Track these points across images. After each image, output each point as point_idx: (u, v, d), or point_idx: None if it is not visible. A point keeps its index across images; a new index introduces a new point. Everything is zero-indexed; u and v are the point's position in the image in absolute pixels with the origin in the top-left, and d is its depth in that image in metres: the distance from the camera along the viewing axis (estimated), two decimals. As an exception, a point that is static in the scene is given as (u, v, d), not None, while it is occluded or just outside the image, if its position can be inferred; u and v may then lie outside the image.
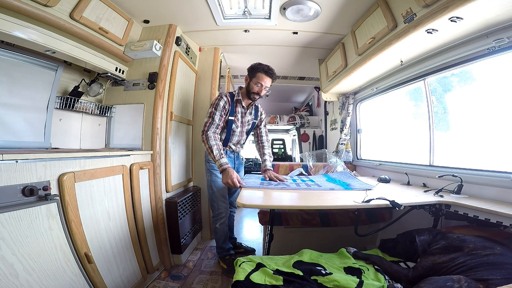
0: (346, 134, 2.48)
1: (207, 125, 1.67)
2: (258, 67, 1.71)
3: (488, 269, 0.78)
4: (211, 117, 1.68)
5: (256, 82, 1.71)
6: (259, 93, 1.74)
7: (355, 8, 1.69)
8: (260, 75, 1.70)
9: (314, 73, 3.07)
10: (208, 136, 1.62)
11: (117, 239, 1.37)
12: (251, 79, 1.73)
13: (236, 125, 1.78)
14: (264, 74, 1.70)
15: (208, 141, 1.61)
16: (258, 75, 1.70)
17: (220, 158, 1.57)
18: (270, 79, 1.73)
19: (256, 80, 1.70)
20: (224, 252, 1.85)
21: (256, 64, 1.73)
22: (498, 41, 1.15)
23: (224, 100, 1.72)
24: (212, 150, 1.59)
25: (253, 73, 1.72)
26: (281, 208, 1.57)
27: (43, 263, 0.95)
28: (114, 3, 1.63)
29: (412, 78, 1.75)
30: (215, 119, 1.68)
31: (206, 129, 1.65)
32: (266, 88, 1.73)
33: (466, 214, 1.10)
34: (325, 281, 0.89)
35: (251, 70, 1.74)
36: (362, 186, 1.43)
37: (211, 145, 1.60)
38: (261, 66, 1.71)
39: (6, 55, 1.29)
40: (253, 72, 1.73)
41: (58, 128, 1.62)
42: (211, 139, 1.62)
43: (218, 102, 1.70)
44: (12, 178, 0.87)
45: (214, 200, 1.79)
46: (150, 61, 1.89)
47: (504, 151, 1.25)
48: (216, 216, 1.80)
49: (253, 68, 1.73)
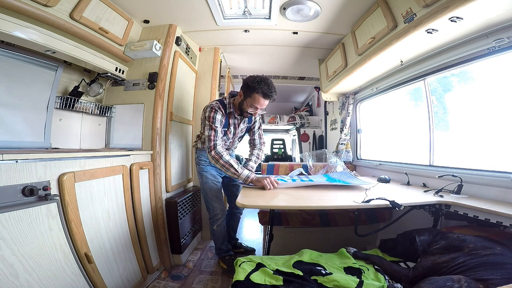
0: (346, 134, 2.48)
1: (212, 139, 1.54)
2: (256, 87, 1.45)
3: (488, 269, 0.78)
4: (214, 130, 1.55)
5: (251, 104, 1.51)
6: (253, 115, 1.62)
7: (355, 8, 1.69)
8: (257, 97, 1.47)
9: (314, 73, 3.07)
10: (220, 153, 1.52)
11: (117, 239, 1.37)
12: (245, 97, 1.52)
13: (227, 137, 1.74)
14: (262, 97, 1.47)
15: (222, 158, 1.51)
16: (254, 97, 1.48)
17: (242, 171, 1.48)
18: (268, 101, 1.51)
19: (251, 102, 1.50)
20: (223, 253, 1.84)
21: (255, 83, 1.46)
22: (498, 41, 1.15)
23: (220, 113, 1.59)
24: (231, 164, 1.50)
25: (249, 93, 1.49)
26: (281, 208, 1.57)
27: (43, 263, 0.95)
28: (114, 3, 1.63)
29: (412, 78, 1.75)
30: (218, 133, 1.56)
31: (213, 145, 1.53)
32: (261, 108, 1.55)
33: (466, 214, 1.10)
34: (325, 281, 0.89)
35: (247, 88, 1.49)
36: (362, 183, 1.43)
37: (227, 160, 1.51)
38: (260, 87, 1.45)
39: (6, 55, 1.29)
40: (249, 91, 1.49)
41: (58, 128, 1.62)
42: (224, 155, 1.51)
43: (215, 116, 1.56)
44: (12, 178, 0.87)
45: (209, 202, 1.77)
46: (150, 61, 1.89)
47: (504, 151, 1.25)
48: (212, 217, 1.77)
49: (250, 87, 1.47)
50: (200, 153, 1.81)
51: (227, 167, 1.51)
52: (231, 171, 1.50)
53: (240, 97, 1.58)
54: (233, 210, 2.03)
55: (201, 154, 1.81)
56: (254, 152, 1.84)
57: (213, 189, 1.76)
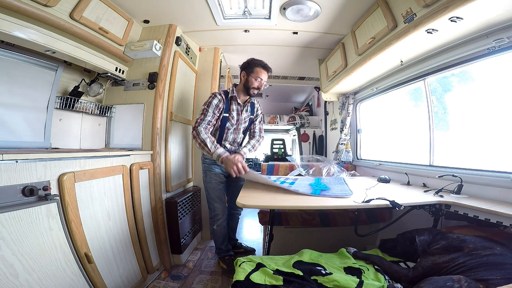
0: (346, 134, 2.48)
1: (198, 121, 1.65)
2: (255, 62, 1.71)
3: (488, 269, 0.78)
4: (203, 113, 1.66)
5: (256, 77, 1.69)
6: (260, 88, 1.73)
7: (355, 8, 1.69)
8: (259, 69, 1.70)
9: (314, 73, 3.07)
10: (198, 131, 1.59)
11: (117, 239, 1.37)
12: (248, 74, 1.71)
13: (231, 123, 1.75)
14: (262, 68, 1.70)
15: (199, 136, 1.58)
16: (256, 70, 1.70)
17: (215, 150, 1.55)
18: (267, 73, 1.73)
19: (256, 75, 1.69)
20: (223, 253, 1.84)
21: (252, 60, 1.72)
22: (498, 41, 1.15)
23: (218, 98, 1.70)
24: (205, 143, 1.56)
25: (250, 68, 1.71)
26: (281, 208, 1.57)
27: (43, 263, 0.95)
28: (114, 3, 1.63)
29: (412, 78, 1.75)
30: (207, 116, 1.65)
31: (197, 125, 1.63)
32: (265, 82, 1.73)
33: (466, 214, 1.10)
34: (325, 281, 0.89)
35: (248, 66, 1.72)
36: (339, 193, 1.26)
37: (203, 138, 1.57)
38: (258, 61, 1.71)
39: (6, 55, 1.28)
40: (250, 67, 1.71)
41: (58, 128, 1.62)
42: (202, 133, 1.58)
43: (211, 100, 1.68)
44: (12, 178, 0.87)
45: (210, 202, 1.79)
46: (150, 61, 1.89)
47: (504, 151, 1.25)
48: (212, 217, 1.79)
49: (250, 63, 1.72)
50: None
51: (202, 145, 1.57)
52: (206, 149, 1.57)
53: (243, 78, 1.74)
54: (231, 211, 2.01)
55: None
56: (251, 141, 1.88)
57: (215, 189, 1.77)
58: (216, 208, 1.76)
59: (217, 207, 1.76)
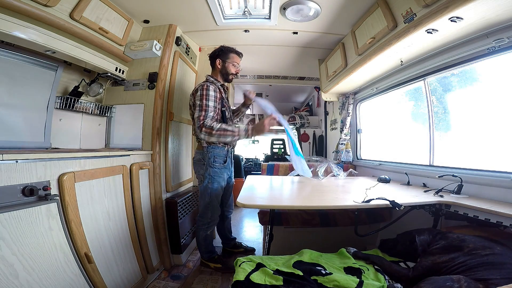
0: (346, 134, 2.48)
1: (201, 118, 1.49)
2: (229, 48, 1.73)
3: (488, 269, 0.78)
4: (205, 110, 1.50)
5: (233, 62, 1.72)
6: (237, 73, 1.75)
7: (355, 8, 1.69)
8: (233, 55, 1.73)
9: (314, 73, 3.07)
10: (210, 125, 1.45)
11: (117, 239, 1.37)
12: (224, 61, 1.72)
13: (229, 114, 1.72)
14: (236, 54, 1.74)
15: (213, 128, 1.44)
16: (232, 56, 1.72)
17: (238, 128, 1.48)
18: (240, 59, 1.77)
19: (232, 61, 1.72)
20: (214, 254, 1.80)
21: (224, 46, 1.74)
22: (498, 41, 1.15)
23: (212, 88, 1.57)
24: (224, 129, 1.44)
25: (225, 55, 1.72)
26: (281, 208, 1.57)
27: (43, 263, 0.95)
28: (114, 3, 1.63)
29: (412, 78, 1.75)
30: (209, 111, 1.51)
31: (202, 121, 1.48)
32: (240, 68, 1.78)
33: (466, 214, 1.10)
34: (325, 281, 0.89)
35: (222, 53, 1.72)
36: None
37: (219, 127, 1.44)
38: (231, 48, 1.73)
39: (6, 55, 1.28)
40: (225, 54, 1.72)
41: (58, 128, 1.62)
42: (214, 124, 1.45)
43: (208, 92, 1.53)
44: (12, 178, 0.87)
45: (209, 209, 1.65)
46: (150, 61, 1.89)
47: (504, 151, 1.25)
48: (207, 223, 1.67)
49: (223, 50, 1.73)
50: (214, 151, 1.64)
51: (222, 133, 1.45)
52: (228, 134, 1.46)
53: (219, 65, 1.73)
54: (225, 213, 1.94)
55: (216, 152, 1.64)
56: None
57: (219, 197, 1.68)
58: (214, 215, 1.68)
59: (215, 214, 1.68)
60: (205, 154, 1.64)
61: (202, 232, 1.70)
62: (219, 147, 1.66)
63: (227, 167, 1.73)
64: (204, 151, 1.66)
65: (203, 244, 1.75)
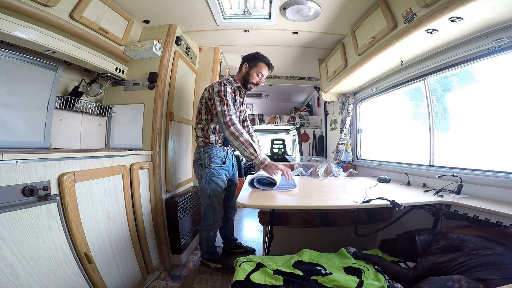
0: (346, 134, 2.48)
1: (226, 113, 1.45)
2: (260, 57, 1.67)
3: (488, 269, 0.78)
4: (226, 104, 1.47)
5: (258, 72, 1.66)
6: (258, 84, 1.69)
7: (355, 8, 1.69)
8: (263, 65, 1.66)
9: (314, 73, 3.07)
10: (239, 130, 1.44)
11: (117, 239, 1.37)
12: (251, 67, 1.66)
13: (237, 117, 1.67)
14: (266, 65, 1.67)
15: (242, 135, 1.42)
16: (260, 65, 1.66)
17: (260, 153, 1.43)
18: (268, 71, 1.70)
19: (258, 70, 1.66)
20: (215, 254, 1.79)
21: (257, 53, 1.68)
22: (498, 41, 1.15)
23: (229, 87, 1.57)
24: (251, 144, 1.42)
25: (255, 62, 1.66)
26: (281, 208, 1.57)
27: (43, 263, 0.95)
28: (114, 3, 1.63)
29: (412, 78, 1.75)
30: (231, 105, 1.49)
31: (230, 120, 1.44)
32: (264, 80, 1.71)
33: (466, 214, 1.10)
34: (325, 281, 0.89)
35: (253, 59, 1.67)
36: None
37: (247, 139, 1.42)
38: (263, 57, 1.67)
39: (6, 55, 1.28)
40: (255, 61, 1.66)
41: (58, 128, 1.62)
42: (244, 133, 1.44)
43: (226, 89, 1.52)
44: (12, 178, 0.87)
45: (210, 210, 1.63)
46: (150, 61, 1.89)
47: (504, 151, 1.25)
48: (210, 225, 1.65)
49: (255, 56, 1.67)
50: (210, 151, 1.60)
51: (246, 145, 1.41)
52: (249, 151, 1.42)
53: (244, 70, 1.68)
54: (228, 214, 1.92)
55: (213, 153, 1.60)
56: (255, 140, 1.84)
57: (220, 197, 1.64)
58: (216, 216, 1.65)
59: (217, 216, 1.65)
60: (202, 154, 1.63)
61: (205, 233, 1.69)
62: (216, 147, 1.62)
63: (227, 168, 1.69)
64: (200, 151, 1.65)
65: (205, 244, 1.74)
